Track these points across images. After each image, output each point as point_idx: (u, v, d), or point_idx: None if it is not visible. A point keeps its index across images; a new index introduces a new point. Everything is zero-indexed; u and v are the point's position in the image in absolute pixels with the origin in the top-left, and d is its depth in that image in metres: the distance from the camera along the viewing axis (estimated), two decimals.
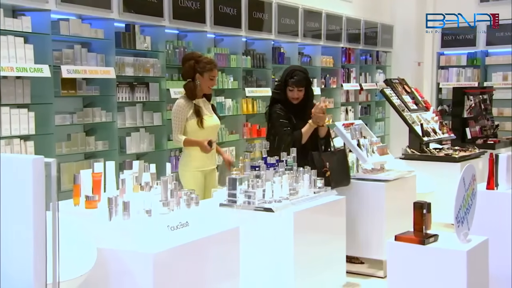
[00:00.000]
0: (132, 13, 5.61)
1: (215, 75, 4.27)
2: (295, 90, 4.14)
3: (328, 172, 3.98)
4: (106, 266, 2.72)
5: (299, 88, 4.14)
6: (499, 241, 2.90)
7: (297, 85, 4.13)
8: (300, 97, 4.16)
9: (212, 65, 4.23)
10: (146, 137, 5.81)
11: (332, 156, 4.14)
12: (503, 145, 7.36)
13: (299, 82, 4.13)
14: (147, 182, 3.27)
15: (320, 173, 3.89)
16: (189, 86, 4.23)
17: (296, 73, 4.18)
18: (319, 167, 3.95)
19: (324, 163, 4.02)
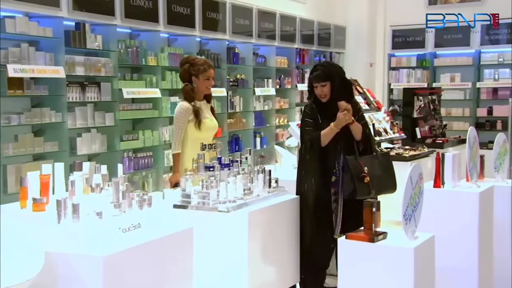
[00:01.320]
0: (82, 12, 5.49)
1: (210, 75, 4.24)
2: (318, 87, 3.73)
3: (368, 178, 3.56)
4: (55, 270, 2.64)
5: (321, 83, 3.72)
6: (445, 238, 3.00)
7: (317, 80, 3.73)
8: (325, 93, 3.73)
9: (206, 66, 4.21)
10: (98, 138, 5.69)
11: (372, 160, 3.67)
12: (451, 144, 7.60)
13: (318, 77, 3.73)
14: (98, 184, 3.21)
15: (358, 178, 3.56)
16: (186, 89, 4.23)
17: (316, 67, 3.80)
18: (355, 172, 3.57)
19: (362, 168, 3.59)
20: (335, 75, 3.74)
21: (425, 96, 8.06)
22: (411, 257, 2.19)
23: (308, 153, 3.72)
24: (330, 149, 3.71)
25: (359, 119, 3.72)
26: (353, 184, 3.55)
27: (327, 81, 3.69)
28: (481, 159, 3.69)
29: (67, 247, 2.68)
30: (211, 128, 4.30)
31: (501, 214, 3.71)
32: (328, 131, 3.66)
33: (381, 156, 3.75)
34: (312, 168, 3.73)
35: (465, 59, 10.07)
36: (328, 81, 3.69)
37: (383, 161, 3.71)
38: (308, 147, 3.73)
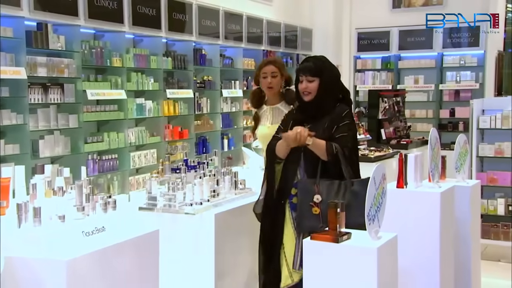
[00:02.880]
0: (45, 11, 5.38)
1: (266, 72, 3.72)
2: (304, 81, 3.02)
3: (317, 209, 2.83)
4: (15, 275, 2.58)
5: (309, 77, 3.00)
6: (407, 237, 3.05)
7: (304, 73, 3.01)
8: (310, 90, 2.99)
9: (262, 63, 3.82)
10: (61, 140, 5.59)
11: (334, 186, 2.85)
12: (415, 145, 7.75)
13: (307, 69, 3.02)
14: (60, 187, 3.15)
15: (306, 207, 2.88)
16: (251, 93, 3.99)
17: (307, 58, 3.15)
18: (305, 199, 2.87)
19: (313, 194, 2.85)
20: (329, 73, 3.04)
21: (389, 98, 8.20)
22: (374, 257, 2.22)
23: (266, 167, 3.15)
24: (289, 167, 3.03)
25: (338, 129, 2.95)
26: (300, 213, 2.90)
27: (316, 77, 2.99)
28: (442, 159, 3.76)
29: (28, 252, 2.62)
30: (263, 134, 3.70)
31: (461, 214, 3.80)
32: (280, 143, 3.01)
33: (356, 185, 2.82)
34: (269, 186, 3.10)
35: (428, 62, 10.29)
36: (318, 77, 2.99)
37: (355, 190, 2.79)
38: (265, 159, 3.15)
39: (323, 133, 2.91)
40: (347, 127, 2.95)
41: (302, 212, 2.89)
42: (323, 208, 2.78)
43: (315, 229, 2.68)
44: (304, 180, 2.94)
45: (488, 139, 5.48)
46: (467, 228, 3.87)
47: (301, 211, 2.90)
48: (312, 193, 2.84)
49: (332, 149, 2.86)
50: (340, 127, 2.92)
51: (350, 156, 2.88)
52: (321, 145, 2.87)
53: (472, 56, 9.98)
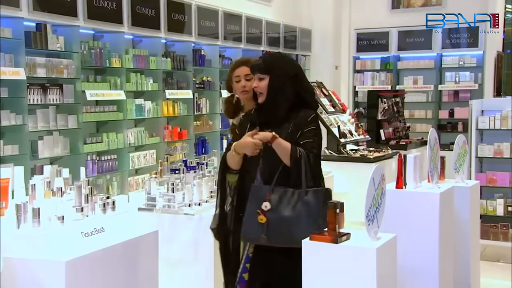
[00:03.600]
0: (44, 12, 5.38)
1: (239, 74, 3.09)
2: (256, 79, 2.72)
3: (263, 217, 2.56)
4: (14, 276, 2.58)
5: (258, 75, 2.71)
6: (406, 238, 3.05)
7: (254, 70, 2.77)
8: (261, 90, 2.69)
9: (233, 65, 3.19)
10: (60, 141, 5.58)
11: (288, 194, 2.58)
12: (414, 146, 7.76)
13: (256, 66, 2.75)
14: (59, 188, 3.15)
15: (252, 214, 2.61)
16: (225, 101, 3.34)
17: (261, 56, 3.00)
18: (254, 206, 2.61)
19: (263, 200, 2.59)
20: (279, 70, 2.67)
21: (389, 98, 8.21)
22: (374, 258, 2.22)
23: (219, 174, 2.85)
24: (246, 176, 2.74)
25: (303, 134, 2.65)
26: (245, 219, 2.63)
27: (265, 74, 2.67)
28: (441, 160, 3.76)
29: (27, 253, 2.62)
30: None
31: (460, 214, 3.80)
32: (230, 154, 2.73)
33: (309, 194, 2.54)
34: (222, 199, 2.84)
35: (427, 62, 10.29)
36: (268, 74, 2.67)
37: (308, 201, 2.53)
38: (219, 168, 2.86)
39: (286, 138, 2.60)
40: (313, 132, 2.64)
41: (246, 219, 2.61)
42: (271, 218, 2.54)
43: (257, 241, 2.56)
44: (258, 185, 2.64)
45: (487, 139, 5.49)
46: (467, 228, 3.87)
47: (246, 217, 2.62)
48: (263, 199, 2.57)
49: (296, 153, 2.56)
50: (305, 133, 2.62)
51: (314, 163, 2.60)
52: (286, 146, 2.58)
53: (471, 57, 9.99)
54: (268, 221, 2.54)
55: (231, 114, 3.25)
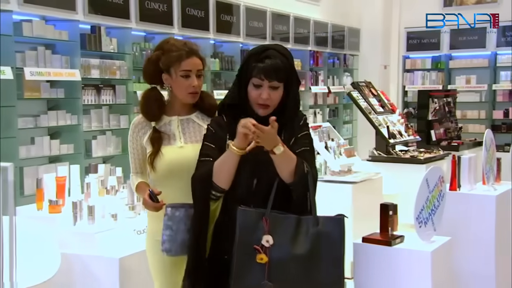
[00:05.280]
0: (98, 15, 5.53)
1: (189, 68, 2.27)
2: (264, 86, 1.99)
3: (264, 257, 1.89)
4: (71, 271, 2.67)
5: (274, 83, 1.99)
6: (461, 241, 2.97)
7: (268, 75, 1.98)
8: (272, 102, 2.01)
9: (180, 53, 2.27)
10: (112, 140, 5.72)
11: (292, 223, 1.93)
12: (467, 147, 7.53)
13: (273, 70, 1.98)
14: (113, 186, 3.23)
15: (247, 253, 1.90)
16: (146, 96, 2.36)
17: (269, 53, 2.01)
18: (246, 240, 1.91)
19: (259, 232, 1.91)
20: (296, 77, 2.08)
21: (440, 98, 8.00)
22: (429, 261, 2.17)
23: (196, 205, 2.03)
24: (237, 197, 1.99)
25: (297, 142, 2.05)
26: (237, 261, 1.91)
27: (282, 83, 2.01)
28: (497, 161, 3.64)
29: (82, 249, 2.70)
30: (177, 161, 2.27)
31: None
32: (226, 157, 1.97)
33: (323, 222, 1.93)
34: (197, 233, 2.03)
35: (480, 61, 9.97)
36: (283, 82, 2.01)
37: (324, 232, 1.92)
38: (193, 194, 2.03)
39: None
40: (308, 139, 2.07)
41: (240, 261, 1.89)
42: (275, 257, 1.86)
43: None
44: (247, 210, 1.92)
45: None
46: None
47: (238, 259, 1.89)
48: (258, 230, 1.88)
49: (303, 167, 1.94)
50: (299, 139, 2.05)
51: (315, 179, 2.00)
52: (292, 157, 1.94)
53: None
54: (270, 262, 1.87)
55: (154, 114, 2.32)
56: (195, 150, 2.16)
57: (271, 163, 1.93)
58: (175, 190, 2.21)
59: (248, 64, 2.01)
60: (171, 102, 2.35)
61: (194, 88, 2.27)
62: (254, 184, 1.98)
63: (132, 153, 2.37)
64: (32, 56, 4.96)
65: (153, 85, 2.35)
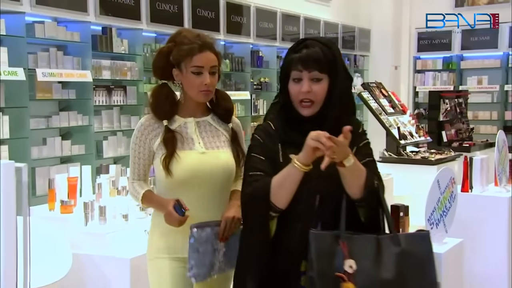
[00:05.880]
0: (109, 16, 5.56)
1: (202, 63, 2.03)
2: (304, 80, 1.75)
3: (350, 285, 1.62)
4: (82, 271, 2.68)
5: (314, 73, 1.74)
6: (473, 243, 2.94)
7: (306, 64, 1.74)
8: (315, 97, 1.76)
9: (191, 47, 2.02)
10: (123, 141, 5.75)
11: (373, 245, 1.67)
12: (478, 148, 7.46)
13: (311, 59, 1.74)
14: (124, 186, 3.24)
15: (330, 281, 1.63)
16: (156, 92, 2.12)
17: (308, 43, 1.78)
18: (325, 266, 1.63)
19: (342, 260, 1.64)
20: (343, 69, 1.80)
21: (451, 99, 7.94)
22: (440, 262, 2.15)
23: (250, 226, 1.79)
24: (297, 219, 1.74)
25: (360, 152, 1.81)
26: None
27: (324, 73, 1.76)
28: (510, 163, 3.61)
29: (94, 249, 2.71)
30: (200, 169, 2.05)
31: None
32: (287, 174, 1.70)
33: (405, 240, 1.69)
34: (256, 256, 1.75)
35: (492, 62, 9.90)
36: (327, 74, 1.76)
37: (409, 251, 1.67)
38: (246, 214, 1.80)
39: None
40: (370, 149, 1.86)
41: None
42: (361, 284, 1.61)
43: None
44: (321, 233, 1.67)
45: None
46: None
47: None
48: (337, 256, 1.63)
49: (372, 180, 1.73)
50: (361, 149, 1.82)
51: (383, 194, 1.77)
52: (362, 170, 1.72)
53: None
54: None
55: (164, 111, 2.08)
56: (218, 157, 2.04)
57: (335, 177, 1.69)
58: (193, 201, 2.00)
59: (286, 59, 1.80)
60: (185, 101, 2.10)
61: (206, 87, 2.03)
62: (317, 200, 1.72)
63: (137, 157, 2.09)
64: (44, 57, 4.99)
65: (163, 80, 2.12)
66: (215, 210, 2.03)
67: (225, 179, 2.09)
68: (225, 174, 2.08)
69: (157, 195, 2.09)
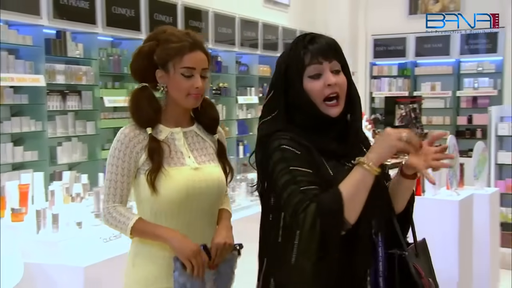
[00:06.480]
0: (63, 20, 5.45)
1: (194, 64, 1.80)
2: (326, 71, 1.54)
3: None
4: (34, 281, 2.60)
5: (335, 63, 1.56)
6: None
7: (325, 54, 1.54)
8: (341, 90, 1.57)
9: (181, 46, 1.79)
10: (78, 147, 5.64)
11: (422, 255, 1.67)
12: None
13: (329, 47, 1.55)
14: (78, 193, 3.18)
15: None
16: (137, 97, 1.86)
17: (314, 35, 1.59)
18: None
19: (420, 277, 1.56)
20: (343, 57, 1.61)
21: (406, 104, 8.13)
22: None
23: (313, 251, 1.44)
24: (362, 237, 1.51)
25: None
26: None
27: (342, 64, 1.59)
28: (461, 167, 3.73)
29: (46, 258, 2.64)
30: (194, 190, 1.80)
31: (480, 222, 3.75)
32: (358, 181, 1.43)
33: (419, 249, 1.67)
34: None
35: (445, 68, 10.20)
36: (341, 64, 1.58)
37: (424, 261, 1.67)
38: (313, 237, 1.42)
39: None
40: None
41: None
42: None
43: None
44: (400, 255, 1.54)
45: (507, 146, 5.41)
46: (486, 236, 3.82)
47: None
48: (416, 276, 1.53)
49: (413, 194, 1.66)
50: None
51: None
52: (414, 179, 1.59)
53: (490, 63, 9.87)
54: None
55: (148, 118, 1.82)
56: (211, 173, 1.81)
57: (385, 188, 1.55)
58: (183, 224, 1.76)
59: (296, 58, 1.54)
60: (169, 108, 1.84)
61: (197, 90, 1.80)
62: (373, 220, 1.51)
63: (121, 174, 1.77)
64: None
65: (143, 84, 1.85)
66: (206, 233, 1.81)
67: (219, 198, 1.87)
68: (220, 192, 1.86)
69: (152, 223, 1.76)
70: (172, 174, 1.76)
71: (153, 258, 1.78)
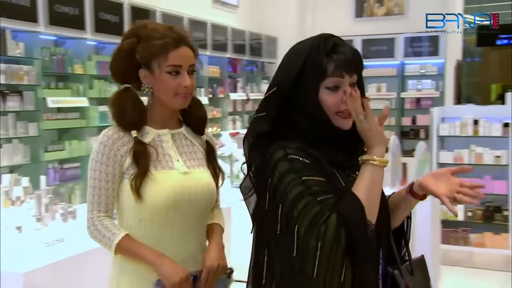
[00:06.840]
0: (3, 18, 5.25)
1: (180, 61, 1.70)
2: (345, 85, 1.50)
3: None
4: None
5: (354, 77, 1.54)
6: None
7: (349, 70, 1.51)
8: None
9: (167, 42, 1.69)
10: (20, 149, 5.45)
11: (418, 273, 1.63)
12: None
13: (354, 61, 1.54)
14: (19, 197, 3.08)
15: None
16: (119, 98, 1.75)
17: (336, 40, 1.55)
18: None
19: None
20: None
21: None
22: None
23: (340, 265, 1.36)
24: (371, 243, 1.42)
25: None
26: None
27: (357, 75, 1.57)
28: (403, 166, 3.84)
29: None
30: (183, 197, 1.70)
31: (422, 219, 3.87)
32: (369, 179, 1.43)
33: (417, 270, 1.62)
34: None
35: (390, 70, 10.48)
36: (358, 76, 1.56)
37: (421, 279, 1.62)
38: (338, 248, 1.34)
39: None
40: None
41: None
42: None
43: None
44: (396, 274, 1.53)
45: (448, 146, 5.61)
46: (427, 233, 3.95)
47: None
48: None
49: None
50: None
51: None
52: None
53: (432, 65, 10.23)
54: None
55: (132, 120, 1.71)
56: (201, 178, 1.71)
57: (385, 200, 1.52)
58: (172, 234, 1.67)
59: (315, 66, 1.46)
60: (155, 109, 1.73)
61: (186, 89, 1.69)
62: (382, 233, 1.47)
63: (105, 181, 1.67)
64: None
65: (125, 85, 1.73)
66: (194, 243, 1.71)
67: (209, 205, 1.76)
68: (211, 198, 1.74)
69: (139, 243, 1.65)
70: (159, 178, 1.66)
71: (142, 276, 1.66)
